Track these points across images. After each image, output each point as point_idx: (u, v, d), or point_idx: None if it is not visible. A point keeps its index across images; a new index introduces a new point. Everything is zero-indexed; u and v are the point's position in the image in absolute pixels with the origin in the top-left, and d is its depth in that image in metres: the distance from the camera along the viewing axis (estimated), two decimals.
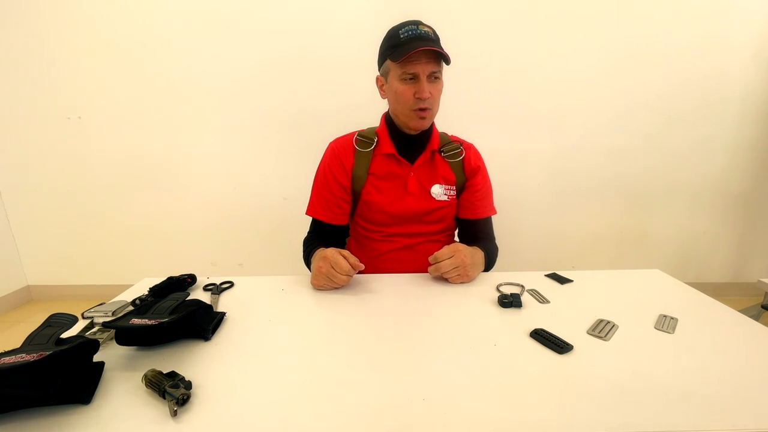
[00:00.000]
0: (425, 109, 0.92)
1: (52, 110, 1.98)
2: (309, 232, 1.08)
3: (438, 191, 1.02)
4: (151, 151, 2.03)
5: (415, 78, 0.90)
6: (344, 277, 0.83)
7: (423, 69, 0.88)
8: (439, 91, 0.94)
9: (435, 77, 0.91)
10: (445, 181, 1.03)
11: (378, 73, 1.00)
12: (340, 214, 1.04)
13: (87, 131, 2.01)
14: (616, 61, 1.91)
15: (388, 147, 1.00)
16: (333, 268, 0.82)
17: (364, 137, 1.03)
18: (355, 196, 1.04)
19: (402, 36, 0.89)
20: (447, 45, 0.92)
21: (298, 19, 1.86)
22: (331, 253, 0.84)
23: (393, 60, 0.89)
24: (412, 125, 0.96)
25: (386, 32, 0.94)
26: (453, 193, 1.05)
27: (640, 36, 1.88)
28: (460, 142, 1.07)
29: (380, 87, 1.00)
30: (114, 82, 1.94)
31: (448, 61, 0.90)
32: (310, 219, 1.08)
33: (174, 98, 1.97)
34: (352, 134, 1.06)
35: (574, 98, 1.95)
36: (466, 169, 1.05)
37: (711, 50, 1.90)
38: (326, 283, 0.85)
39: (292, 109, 1.97)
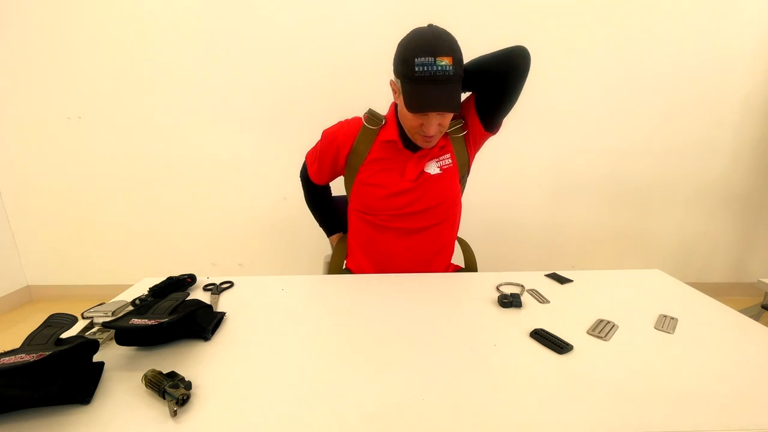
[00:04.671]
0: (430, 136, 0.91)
1: (52, 110, 1.98)
2: (303, 170, 1.18)
3: (432, 167, 1.00)
4: (151, 151, 2.03)
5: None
6: None
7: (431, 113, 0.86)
8: (449, 119, 0.92)
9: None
10: (437, 156, 1.00)
11: (392, 77, 0.93)
12: (324, 179, 1.14)
13: (87, 131, 2.01)
14: (616, 61, 1.91)
15: (392, 134, 0.98)
16: None
17: (373, 116, 1.02)
18: (352, 172, 1.03)
19: (417, 70, 0.81)
20: None
21: (297, 19, 1.86)
22: None
23: (404, 105, 0.86)
24: (418, 143, 0.96)
25: (404, 40, 0.86)
26: (448, 162, 1.01)
27: (640, 36, 1.88)
28: (463, 116, 1.03)
29: (394, 91, 0.97)
30: (114, 82, 1.94)
31: (460, 109, 0.88)
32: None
33: (174, 98, 1.96)
34: (363, 115, 1.04)
35: (574, 98, 1.95)
36: (469, 141, 1.03)
37: (711, 50, 1.90)
38: None
39: (292, 109, 1.97)
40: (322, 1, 1.84)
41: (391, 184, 1.00)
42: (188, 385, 0.52)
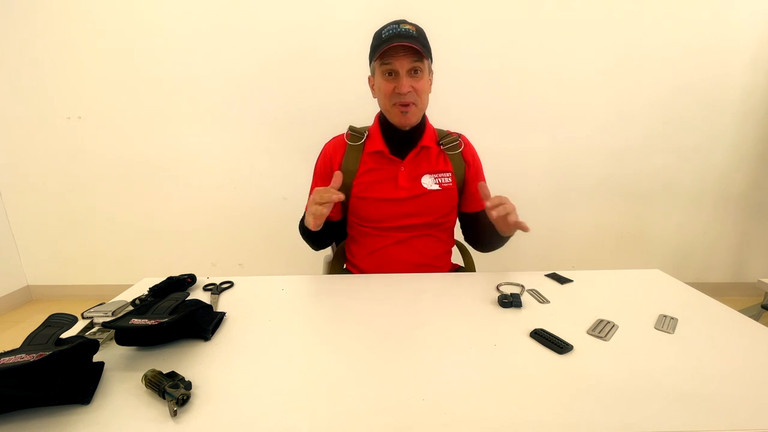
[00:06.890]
0: (406, 104, 0.94)
1: (52, 110, 1.98)
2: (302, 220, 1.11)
3: (428, 181, 1.02)
4: (151, 151, 2.03)
5: (395, 74, 0.92)
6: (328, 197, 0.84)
7: (401, 64, 0.91)
8: (423, 87, 0.95)
9: (415, 71, 0.93)
10: (436, 172, 1.03)
11: (369, 74, 1.03)
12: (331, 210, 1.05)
13: (87, 131, 2.01)
14: (616, 60, 1.91)
15: (378, 144, 1.01)
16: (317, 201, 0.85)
17: (355, 131, 1.06)
18: (346, 190, 1.03)
19: (383, 35, 0.92)
20: (445, 44, 0.93)
21: (296, 18, 1.86)
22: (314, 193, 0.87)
23: (374, 58, 0.93)
24: (396, 121, 0.98)
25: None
26: (448, 181, 1.04)
27: (641, 36, 1.88)
28: (458, 135, 1.08)
29: (371, 87, 1.03)
30: (114, 82, 1.94)
31: (427, 56, 0.92)
32: None
33: (174, 98, 1.97)
34: (345, 133, 1.08)
35: (574, 98, 1.95)
36: (466, 159, 1.07)
37: (711, 50, 1.90)
38: (317, 212, 0.86)
39: (292, 109, 1.98)
40: (321, 2, 1.84)
41: (386, 195, 1.01)
42: (188, 385, 0.52)
